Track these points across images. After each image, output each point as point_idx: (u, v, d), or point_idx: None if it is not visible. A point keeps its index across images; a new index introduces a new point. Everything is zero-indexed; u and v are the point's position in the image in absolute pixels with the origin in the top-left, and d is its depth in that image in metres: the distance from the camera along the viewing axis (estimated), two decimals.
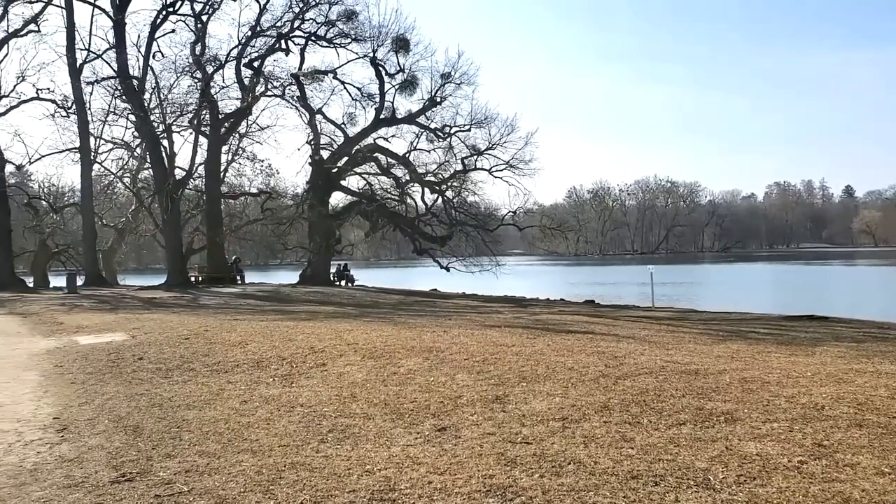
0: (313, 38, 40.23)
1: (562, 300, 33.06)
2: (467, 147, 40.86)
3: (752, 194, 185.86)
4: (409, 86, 40.36)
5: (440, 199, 41.14)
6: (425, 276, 54.47)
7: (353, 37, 39.69)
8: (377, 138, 41.75)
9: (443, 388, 8.36)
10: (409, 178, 41.07)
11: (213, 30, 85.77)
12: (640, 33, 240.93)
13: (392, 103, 40.72)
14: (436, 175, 41.27)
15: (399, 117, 40.84)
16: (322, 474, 5.34)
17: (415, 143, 41.60)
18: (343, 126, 41.72)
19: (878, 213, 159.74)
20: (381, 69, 40.11)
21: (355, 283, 42.13)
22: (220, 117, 39.79)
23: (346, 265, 44.83)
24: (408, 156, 41.20)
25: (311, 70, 40.34)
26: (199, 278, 40.57)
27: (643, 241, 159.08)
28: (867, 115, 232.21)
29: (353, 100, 41.48)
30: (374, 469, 5.43)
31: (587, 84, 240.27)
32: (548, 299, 33.06)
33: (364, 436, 6.42)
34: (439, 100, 40.25)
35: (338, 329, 14.58)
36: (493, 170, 40.40)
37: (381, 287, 40.94)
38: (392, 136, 42.32)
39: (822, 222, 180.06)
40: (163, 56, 40.74)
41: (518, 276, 51.07)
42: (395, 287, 42.16)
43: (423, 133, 41.35)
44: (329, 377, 9.37)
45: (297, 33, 40.33)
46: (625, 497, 4.72)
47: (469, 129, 40.31)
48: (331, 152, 41.42)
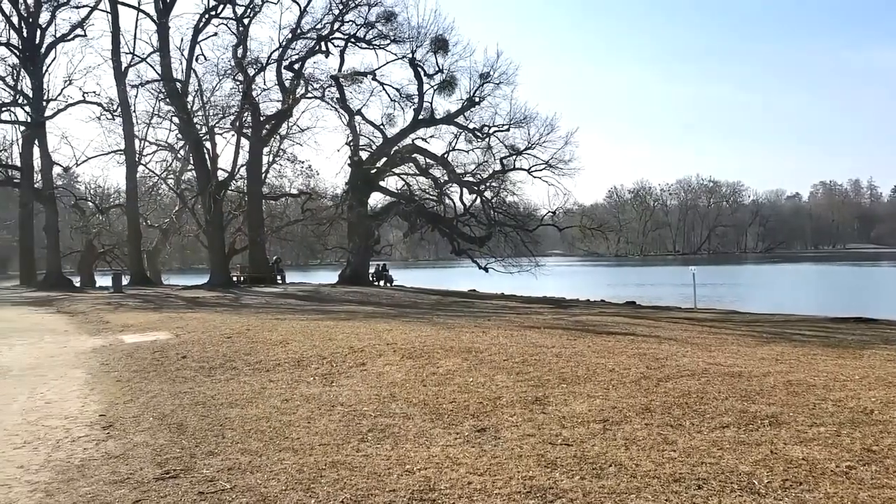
0: (353, 39, 40.47)
1: (602, 301, 32.78)
2: (506, 147, 40.76)
3: (797, 194, 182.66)
4: (447, 86, 40.39)
5: (479, 200, 41.01)
6: (464, 277, 54.44)
7: (392, 38, 39.86)
8: (416, 139, 41.88)
9: (482, 388, 8.34)
10: (447, 179, 41.07)
11: (254, 33, 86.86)
12: (682, 32, 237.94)
13: (430, 104, 40.83)
14: (474, 175, 41.21)
15: (437, 118, 40.89)
16: (362, 473, 5.36)
17: (453, 144, 41.66)
18: (382, 127, 41.91)
19: None
20: (419, 70, 40.22)
21: (394, 284, 42.25)
22: (262, 119, 40.23)
23: (385, 265, 45.00)
24: (446, 156, 41.23)
25: (350, 72, 40.60)
26: (241, 278, 41.06)
27: (685, 242, 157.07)
28: None
29: (391, 101, 41.67)
30: (414, 469, 5.43)
31: (627, 83, 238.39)
32: (588, 300, 32.81)
33: (404, 435, 6.43)
34: (478, 100, 40.20)
35: (377, 329, 14.65)
36: (533, 170, 40.19)
37: (420, 287, 41.00)
38: (430, 136, 42.42)
39: (871, 222, 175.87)
40: (205, 59, 41.40)
41: (557, 277, 50.87)
42: (434, 287, 42.19)
43: (461, 133, 41.38)
44: (368, 377, 9.41)
45: (337, 35, 40.63)
46: (667, 500, 4.65)
47: (508, 129, 40.20)
48: (370, 153, 41.62)
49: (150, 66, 42.11)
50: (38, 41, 41.61)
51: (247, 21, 40.23)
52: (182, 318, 18.87)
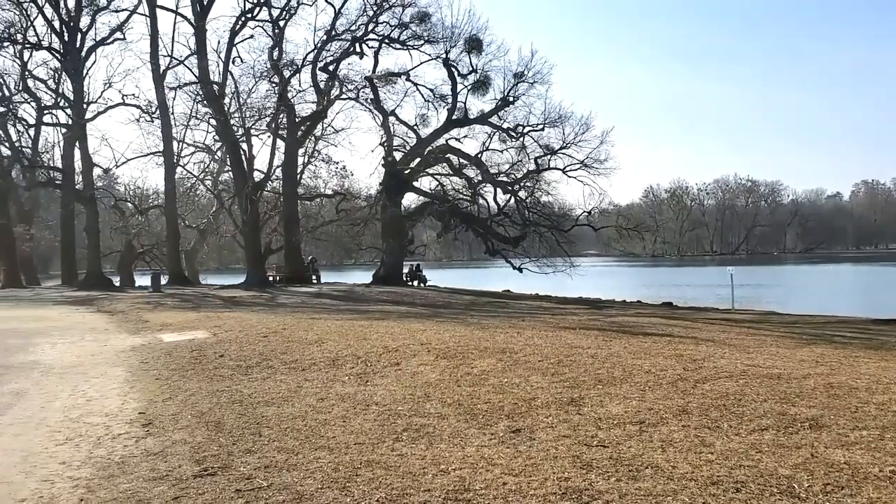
0: (387, 40, 40.59)
1: (638, 302, 32.51)
2: (541, 146, 40.61)
3: (838, 193, 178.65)
4: (481, 86, 40.35)
5: (513, 200, 40.89)
6: (497, 277, 54.35)
7: (426, 38, 39.89)
8: (449, 139, 41.87)
9: (517, 389, 8.32)
10: (481, 179, 41.01)
11: (289, 35, 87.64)
12: (717, 31, 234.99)
13: (464, 104, 40.79)
14: (508, 175, 41.11)
15: (471, 118, 40.86)
16: (397, 473, 5.38)
17: (487, 144, 41.59)
18: (415, 127, 42.01)
19: None
20: (453, 70, 40.19)
21: (427, 284, 42.29)
22: (297, 120, 40.54)
23: (419, 265, 45.03)
24: (480, 156, 41.16)
25: (384, 72, 40.72)
26: (277, 278, 41.45)
27: (722, 242, 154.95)
28: None
29: (425, 101, 41.73)
30: (449, 469, 5.43)
31: (664, 82, 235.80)
32: (624, 301, 32.56)
33: (438, 435, 6.44)
34: (512, 99, 40.10)
35: (411, 329, 14.68)
36: (568, 169, 39.96)
37: (453, 287, 40.99)
38: (464, 136, 42.40)
39: None
40: (242, 61, 41.90)
41: (593, 278, 50.53)
42: (467, 288, 42.16)
43: (495, 133, 41.29)
44: (403, 376, 9.44)
45: (371, 36, 40.75)
46: (704, 503, 4.60)
47: (542, 129, 40.04)
48: (403, 153, 41.71)
49: (188, 68, 42.78)
50: (78, 45, 42.42)
51: (282, 23, 40.61)
52: (219, 317, 19.10)
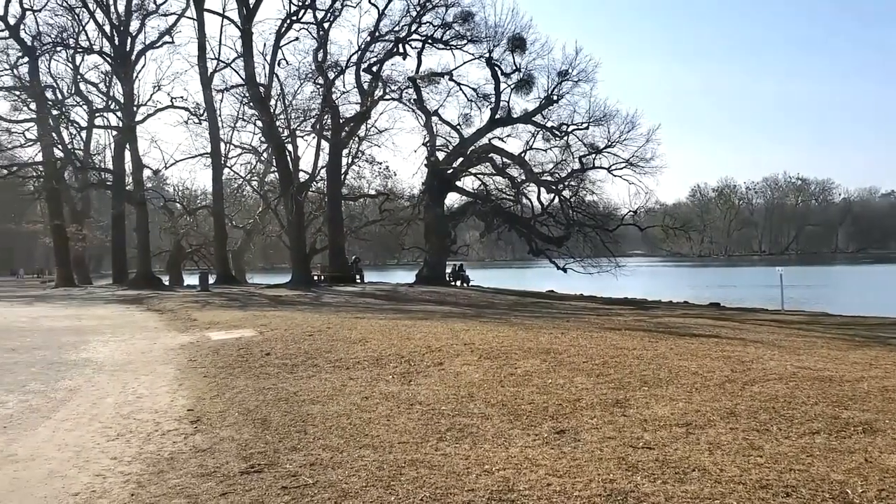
0: (430, 40, 40.66)
1: (685, 303, 32.11)
2: (585, 145, 40.30)
3: (893, 191, 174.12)
4: (525, 85, 40.21)
5: (557, 199, 40.66)
6: (541, 277, 54.12)
7: (469, 38, 39.86)
8: (492, 138, 41.81)
9: (561, 390, 8.27)
10: (524, 178, 40.85)
11: (334, 36, 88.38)
12: (763, 27, 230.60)
13: (507, 103, 40.69)
14: (552, 174, 40.87)
15: (514, 117, 40.73)
16: (441, 472, 5.38)
17: (530, 143, 41.43)
18: (458, 127, 42.06)
19: None
20: (496, 69, 40.11)
21: (470, 284, 42.29)
22: (341, 121, 40.89)
23: (462, 265, 45.08)
24: (523, 155, 41.01)
25: (427, 73, 40.81)
26: (322, 277, 41.83)
27: (771, 242, 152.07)
28: None
29: (468, 101, 41.76)
30: (493, 469, 5.42)
31: (711, 79, 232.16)
32: (670, 302, 32.19)
33: (482, 435, 6.43)
34: (556, 98, 39.89)
35: (454, 329, 14.68)
36: (613, 168, 39.60)
37: (497, 287, 40.93)
38: (507, 135, 42.31)
39: None
40: (287, 63, 42.49)
41: (638, 278, 50.01)
42: (511, 288, 42.05)
43: (539, 132, 41.09)
44: (446, 376, 9.44)
45: (414, 37, 40.88)
46: None
47: (587, 127, 39.74)
48: (446, 153, 41.77)
49: (235, 71, 43.54)
50: (128, 49, 43.39)
51: (327, 25, 41.02)
52: (265, 315, 19.33)
